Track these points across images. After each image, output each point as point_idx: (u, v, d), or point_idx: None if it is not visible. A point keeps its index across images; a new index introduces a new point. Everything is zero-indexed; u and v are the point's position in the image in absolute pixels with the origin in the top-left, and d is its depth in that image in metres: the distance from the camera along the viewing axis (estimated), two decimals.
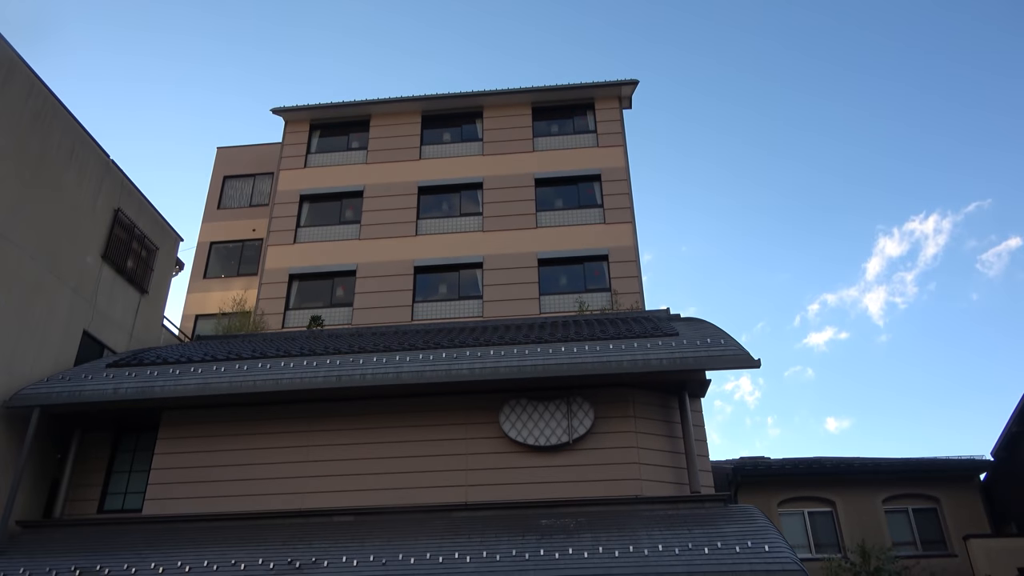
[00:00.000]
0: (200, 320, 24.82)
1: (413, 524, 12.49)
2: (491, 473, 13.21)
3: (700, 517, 12.07)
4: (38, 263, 14.80)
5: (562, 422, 13.41)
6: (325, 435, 13.88)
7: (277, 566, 11.32)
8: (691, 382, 13.68)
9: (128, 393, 13.67)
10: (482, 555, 11.14)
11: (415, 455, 13.49)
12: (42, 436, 14.19)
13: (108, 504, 14.31)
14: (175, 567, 11.52)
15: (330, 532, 12.43)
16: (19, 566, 11.98)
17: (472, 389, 13.68)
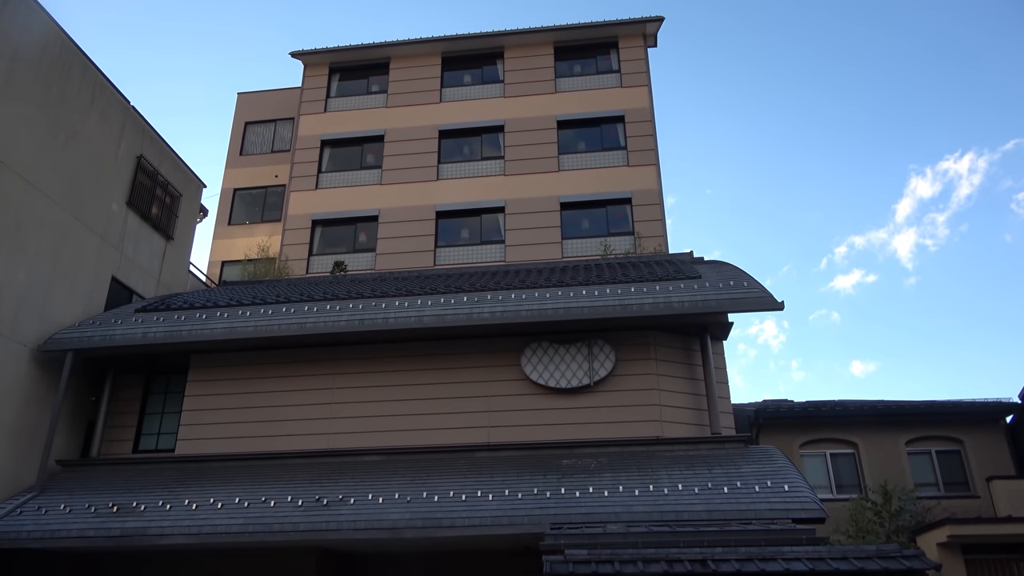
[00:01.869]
0: (226, 266, 25.12)
1: (437, 464, 12.76)
2: (513, 415, 13.38)
3: (720, 458, 12.16)
4: (64, 210, 14.99)
5: (583, 365, 13.47)
6: (350, 378, 14.11)
7: (305, 503, 11.67)
8: (713, 325, 13.63)
9: (157, 337, 13.97)
10: (504, 493, 11.37)
11: (438, 397, 13.69)
12: (76, 379, 14.60)
13: (142, 444, 14.79)
14: (207, 503, 11.93)
15: (356, 471, 12.75)
16: (60, 502, 12.49)
17: (494, 332, 13.76)
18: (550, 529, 10.29)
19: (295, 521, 11.34)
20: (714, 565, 8.20)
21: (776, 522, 10.16)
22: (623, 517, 10.55)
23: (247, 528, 11.36)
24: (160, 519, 11.68)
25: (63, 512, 12.15)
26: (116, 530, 11.62)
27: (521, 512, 10.91)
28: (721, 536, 9.58)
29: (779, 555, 8.34)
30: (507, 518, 10.89)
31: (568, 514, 10.71)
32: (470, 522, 10.98)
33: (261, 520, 11.40)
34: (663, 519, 10.45)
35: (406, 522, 11.09)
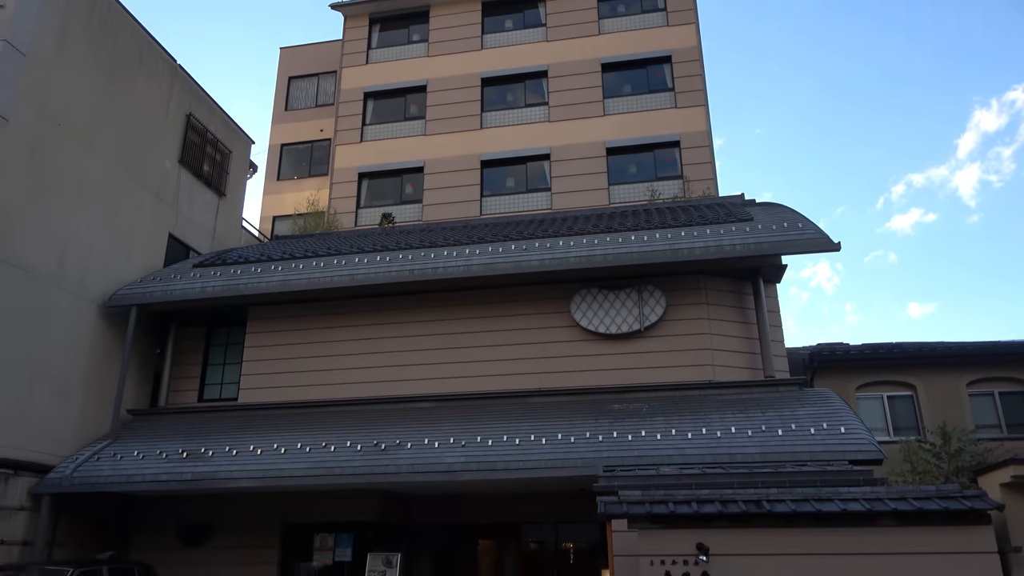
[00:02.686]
0: (277, 221, 25.56)
1: (489, 410, 12.98)
2: (564, 361, 13.47)
3: (774, 401, 12.08)
4: (120, 170, 15.37)
5: (633, 310, 13.43)
6: (402, 327, 14.36)
7: (364, 447, 12.04)
8: (766, 267, 13.39)
9: (215, 291, 14.38)
10: (557, 437, 11.52)
11: (489, 344, 13.85)
12: (141, 332, 15.18)
13: (206, 394, 15.38)
14: (271, 448, 12.40)
15: (410, 417, 13.06)
16: (133, 448, 13.13)
17: (543, 280, 13.78)
18: (603, 471, 10.42)
19: (355, 465, 11.72)
20: (769, 505, 8.20)
21: (832, 463, 10.10)
22: (676, 460, 10.61)
23: (310, 472, 11.79)
24: (228, 464, 12.20)
25: (137, 458, 12.78)
26: (187, 474, 12.19)
27: (574, 455, 11.06)
28: (776, 477, 9.56)
29: (835, 495, 8.29)
30: (560, 461, 11.06)
31: (621, 457, 10.81)
32: (524, 465, 11.18)
33: (323, 464, 11.82)
34: (716, 461, 10.48)
35: (461, 465, 11.36)
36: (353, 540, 13.79)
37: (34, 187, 13.15)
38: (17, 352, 12.54)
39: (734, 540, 8.12)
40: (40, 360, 12.97)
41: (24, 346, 12.68)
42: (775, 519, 8.14)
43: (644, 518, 8.34)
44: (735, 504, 8.28)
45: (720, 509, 8.19)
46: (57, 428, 13.19)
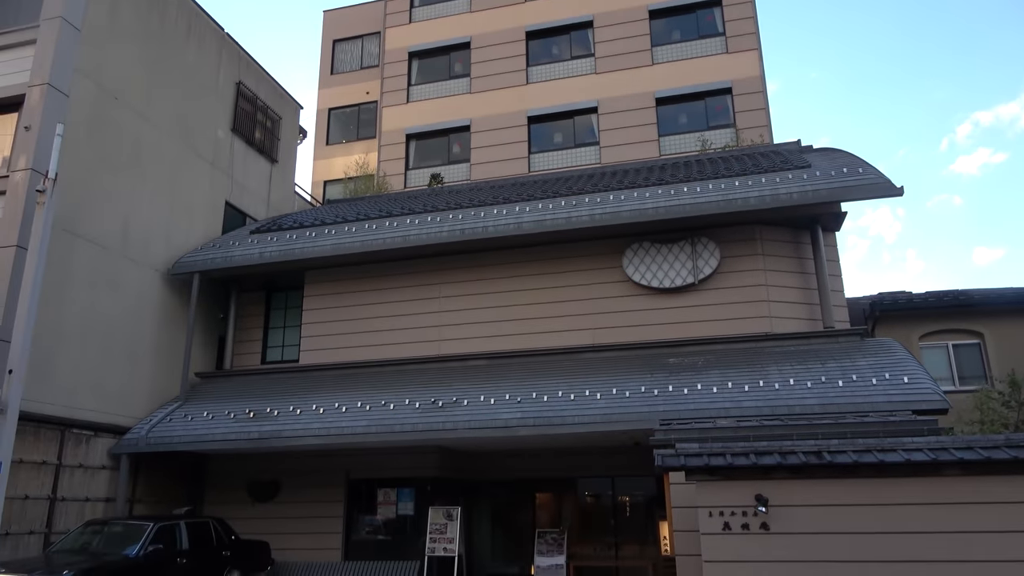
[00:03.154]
0: (328, 185, 25.89)
1: (543, 366, 13.09)
2: (617, 316, 13.46)
3: (834, 352, 11.87)
4: (176, 141, 15.74)
5: (687, 263, 13.28)
6: (455, 286, 14.51)
7: (422, 404, 12.31)
8: (824, 216, 13.03)
9: (272, 256, 14.73)
10: (611, 392, 11.58)
11: (541, 302, 13.91)
12: (204, 298, 15.71)
13: (269, 356, 15.89)
14: (333, 407, 12.79)
15: (466, 375, 13.27)
16: (202, 410, 13.71)
17: (594, 235, 13.70)
18: (659, 425, 10.45)
19: (414, 422, 12.01)
20: (830, 456, 8.13)
21: (895, 414, 9.92)
22: (733, 412, 10.57)
23: (371, 429, 12.14)
24: (292, 423, 12.65)
25: (206, 419, 13.34)
26: (254, 433, 12.69)
27: (629, 409, 11.11)
28: (837, 428, 9.45)
29: (899, 446, 8.16)
30: (616, 415, 11.13)
31: (677, 411, 10.82)
32: (579, 420, 11.29)
33: (383, 422, 12.15)
34: (774, 413, 10.40)
35: (518, 421, 11.54)
36: (414, 495, 14.21)
37: (97, 160, 13.58)
38: (93, 321, 13.13)
39: (793, 491, 8.10)
40: (113, 328, 13.55)
41: (98, 316, 13.26)
42: (836, 470, 8.08)
43: (702, 470, 8.37)
44: (795, 455, 8.24)
45: (779, 460, 8.15)
46: (131, 392, 13.84)
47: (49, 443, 12.11)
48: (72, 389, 12.60)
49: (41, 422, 11.93)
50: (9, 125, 13.09)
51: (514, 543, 15.44)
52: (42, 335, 11.96)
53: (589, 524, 15.20)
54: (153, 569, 10.55)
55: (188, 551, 11.31)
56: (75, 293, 12.87)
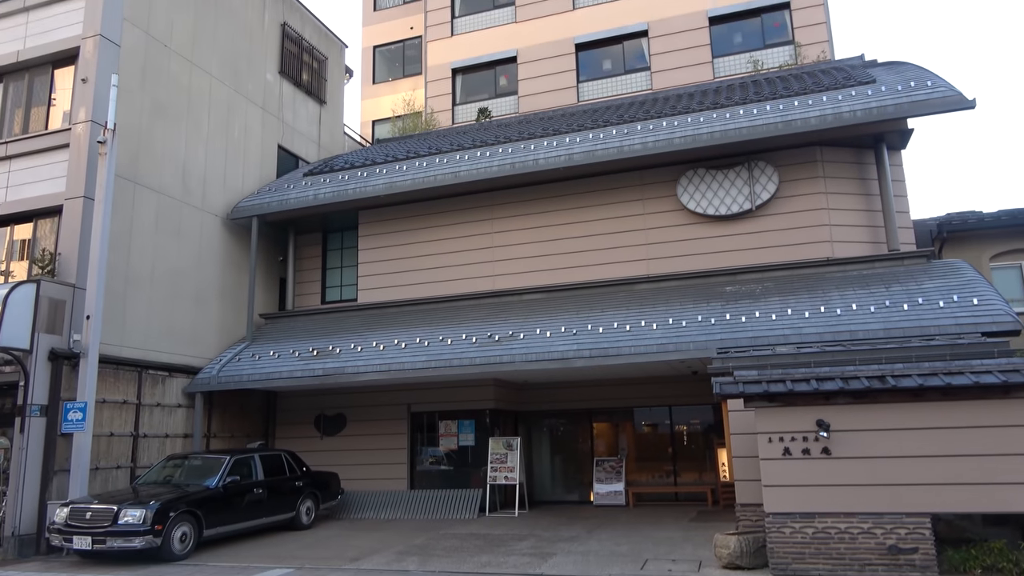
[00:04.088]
0: (376, 124, 25.87)
1: (598, 298, 13.09)
2: (671, 246, 13.28)
3: (899, 275, 11.52)
4: (226, 85, 15.86)
5: (743, 189, 12.94)
6: (507, 221, 14.50)
7: (479, 339, 12.50)
8: (890, 133, 12.46)
9: (326, 197, 14.91)
10: (668, 321, 11.52)
11: (595, 233, 13.82)
12: (264, 242, 16.09)
13: (328, 296, 16.28)
14: (392, 344, 13.10)
15: (521, 309, 13.38)
16: (268, 349, 14.21)
17: (647, 164, 13.44)
18: (717, 353, 10.39)
19: (471, 356, 12.22)
20: (894, 381, 7.98)
21: (963, 337, 9.63)
22: (792, 339, 10.42)
23: (430, 364, 12.41)
24: (354, 359, 13.02)
25: (272, 358, 13.83)
26: (318, 370, 13.12)
27: (686, 339, 11.07)
28: (901, 353, 9.24)
29: (967, 368, 7.94)
30: (672, 345, 11.10)
31: (735, 339, 10.73)
32: (636, 350, 11.31)
33: (441, 356, 12.40)
34: (836, 340, 10.21)
35: (574, 352, 11.62)
36: (475, 426, 14.58)
37: (152, 109, 13.83)
38: (160, 267, 13.61)
39: (856, 416, 8.02)
40: (179, 273, 14.04)
41: (165, 262, 13.74)
42: (900, 394, 7.95)
43: (761, 396, 8.35)
44: (857, 380, 8.12)
45: (841, 386, 8.05)
46: (200, 334, 14.41)
47: (128, 384, 12.76)
48: (145, 332, 13.18)
49: (119, 364, 12.56)
50: (68, 79, 13.39)
51: (573, 471, 15.79)
52: (114, 282, 12.49)
53: (647, 452, 15.41)
54: (232, 499, 11.17)
55: (263, 482, 11.91)
56: (141, 241, 13.31)
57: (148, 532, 9.56)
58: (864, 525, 7.72)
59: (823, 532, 7.82)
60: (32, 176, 12.98)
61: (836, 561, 7.75)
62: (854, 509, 7.78)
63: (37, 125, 13.49)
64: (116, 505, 9.81)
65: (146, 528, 9.56)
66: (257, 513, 11.66)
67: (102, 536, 9.61)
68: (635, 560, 8.93)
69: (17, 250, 13.27)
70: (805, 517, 7.91)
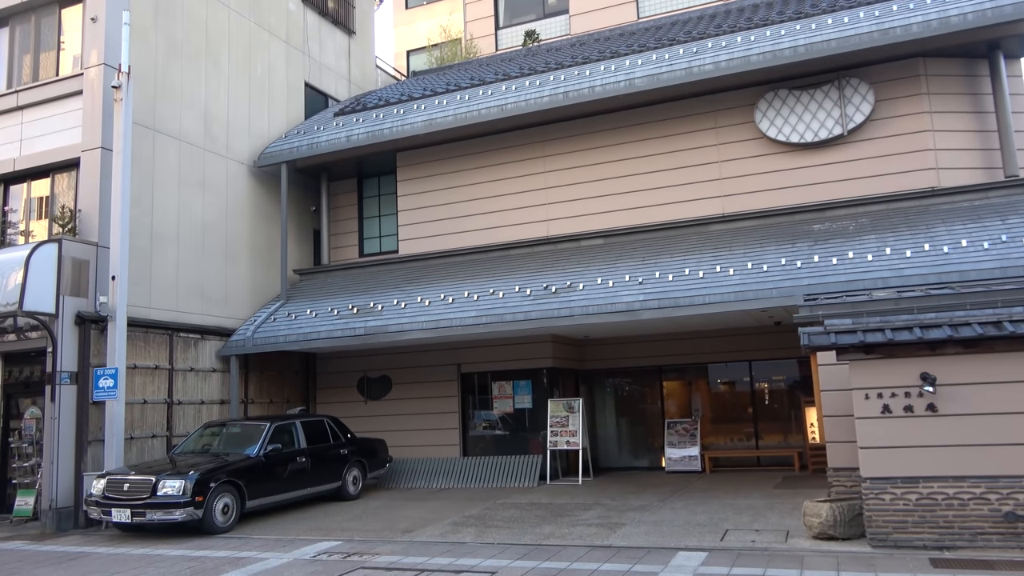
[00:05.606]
0: (411, 56, 25.71)
1: (666, 242, 12.94)
2: (750, 180, 13.01)
3: (1018, 205, 11.05)
4: (246, 19, 15.92)
5: (833, 112, 12.53)
6: (561, 158, 14.38)
7: (533, 291, 12.53)
8: (1008, 39, 11.82)
9: (360, 139, 14.98)
10: (746, 266, 11.34)
11: (661, 169, 13.62)
12: (294, 191, 16.32)
13: (366, 248, 16.50)
14: (438, 298, 13.24)
15: (580, 256, 13.33)
16: (304, 307, 14.52)
17: (719, 87, 13.11)
18: (804, 300, 10.20)
19: (526, 310, 12.28)
20: (1012, 327, 7.72)
21: None
22: (892, 282, 10.15)
23: (480, 320, 12.52)
24: (397, 317, 13.22)
25: (310, 317, 14.15)
26: (359, 329, 13.37)
27: (768, 284, 10.89)
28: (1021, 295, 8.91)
29: None
30: (752, 292, 10.94)
31: (824, 283, 10.51)
32: (710, 299, 11.18)
33: (493, 311, 12.49)
34: (943, 281, 9.90)
35: (640, 303, 11.56)
36: (531, 387, 14.73)
37: (168, 49, 14.00)
38: (186, 222, 13.95)
39: (966, 368, 7.82)
40: (207, 228, 14.37)
41: (190, 216, 14.06)
42: (1019, 342, 7.70)
43: (856, 348, 8.19)
44: (968, 327, 7.88)
45: (950, 334, 7.84)
46: (231, 293, 14.80)
47: (159, 348, 13.24)
48: (174, 293, 13.60)
49: (149, 327, 13.01)
50: (76, 19, 13.62)
51: (642, 435, 15.89)
52: (138, 239, 12.86)
53: (724, 412, 15.39)
54: (274, 468, 11.59)
55: (306, 450, 12.31)
56: (165, 194, 13.63)
57: (189, 504, 10.00)
58: (976, 490, 7.59)
59: (928, 498, 7.72)
60: (46, 127, 13.35)
61: (943, 530, 7.65)
62: (964, 472, 7.65)
63: (47, 72, 13.82)
64: (154, 476, 10.28)
65: (186, 499, 10.00)
66: (301, 483, 12.08)
67: (141, 508, 10.10)
68: (714, 530, 8.98)
69: (35, 208, 13.76)
70: (907, 482, 7.81)
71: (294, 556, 8.78)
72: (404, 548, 8.95)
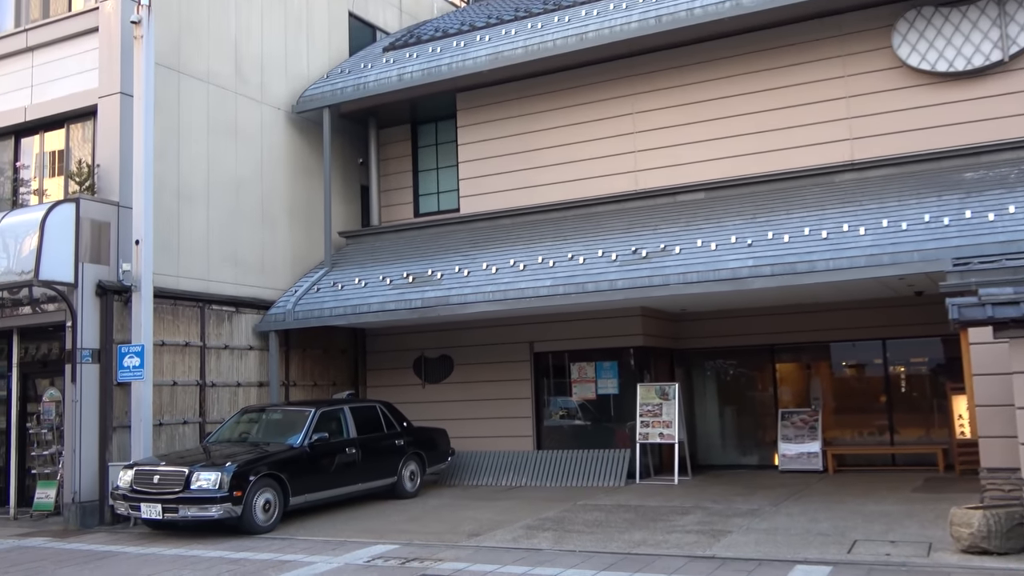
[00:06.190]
0: None
1: (781, 195, 12.72)
2: (885, 119, 12.67)
3: None
4: None
5: (991, 32, 12.07)
6: (653, 97, 14.22)
7: (620, 256, 12.45)
8: None
9: (414, 78, 15.04)
10: (880, 224, 11.05)
11: (773, 107, 13.36)
12: (339, 140, 16.53)
13: (423, 207, 16.65)
14: (508, 265, 13.28)
15: (676, 214, 13.20)
16: (352, 276, 14.77)
17: (848, 5, 12.78)
18: (953, 265, 9.92)
19: (611, 278, 12.22)
20: None
21: None
22: None
23: (557, 290, 12.52)
24: (460, 286, 13.32)
25: (359, 286, 14.38)
26: (416, 301, 13.53)
27: (907, 246, 10.60)
28: None
29: None
30: (888, 255, 10.67)
31: (978, 244, 10.17)
32: (836, 264, 10.94)
33: (572, 280, 12.47)
34: None
35: (749, 270, 11.38)
36: (617, 369, 14.70)
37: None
38: (217, 178, 14.27)
39: None
40: (240, 184, 14.69)
41: (221, 170, 14.38)
42: None
43: (1019, 323, 7.94)
44: None
45: None
46: (269, 259, 15.13)
47: (189, 322, 13.65)
48: (205, 259, 13.98)
49: (177, 299, 13.43)
50: None
51: (750, 427, 15.75)
52: (163, 198, 13.23)
53: (851, 401, 15.17)
54: (320, 460, 11.88)
55: (357, 440, 12.57)
56: (192, 145, 13.96)
57: (226, 499, 10.34)
58: None
59: None
60: (59, 71, 13.77)
61: None
62: None
63: (59, 6, 14.25)
64: (187, 467, 10.65)
65: (223, 494, 10.33)
66: (351, 478, 12.37)
67: (173, 504, 10.49)
68: (839, 541, 8.86)
69: (49, 164, 14.27)
70: None
71: (345, 560, 9.01)
72: (470, 554, 9.08)
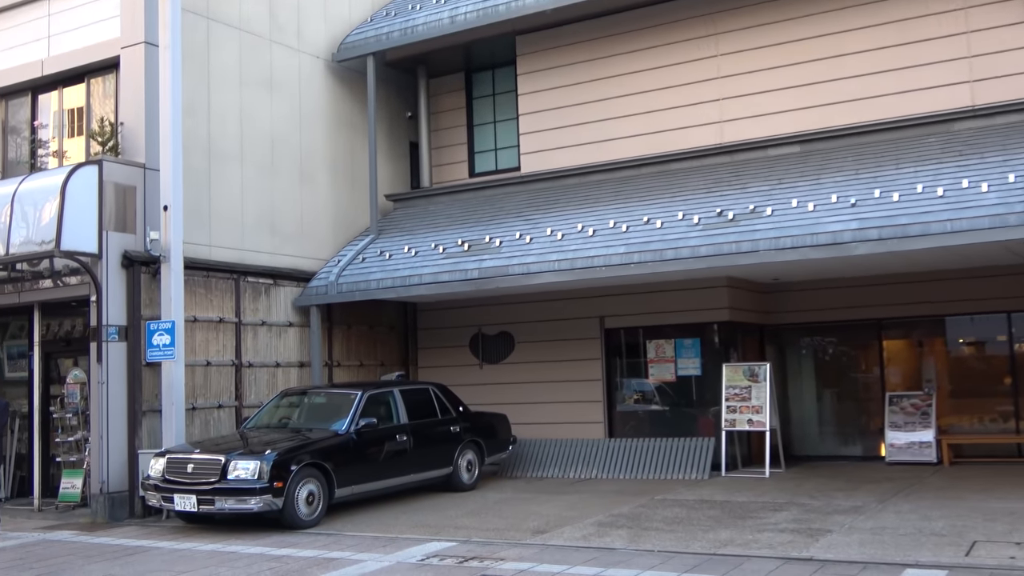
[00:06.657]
0: None
1: (889, 147, 12.52)
2: (1013, 56, 12.36)
3: None
4: None
5: None
6: (740, 37, 14.08)
7: (704, 219, 12.39)
8: None
9: (468, 19, 15.04)
10: (1007, 179, 10.81)
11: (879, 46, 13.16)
12: (385, 91, 16.66)
13: (479, 166, 16.72)
14: (575, 231, 13.30)
15: (766, 170, 13.09)
16: (401, 243, 14.93)
17: None
18: None
19: (693, 244, 12.18)
20: None
21: None
22: None
23: (631, 258, 12.52)
24: (521, 255, 13.40)
25: (408, 255, 14.53)
26: (472, 271, 13.64)
27: None
28: None
29: None
30: (1015, 215, 10.43)
31: None
32: (954, 227, 10.73)
33: (648, 246, 12.46)
34: None
35: (853, 233, 11.24)
36: (699, 347, 14.67)
37: None
38: (251, 135, 14.50)
39: None
40: (276, 142, 14.91)
41: (256, 126, 14.60)
42: None
43: None
44: None
45: None
46: (309, 225, 15.36)
47: (223, 296, 13.96)
48: (239, 226, 14.24)
49: (210, 270, 13.74)
50: None
51: (852, 413, 15.63)
52: (193, 158, 13.47)
53: (969, 384, 15.00)
54: (368, 448, 12.10)
55: (408, 426, 12.78)
56: (223, 98, 14.20)
57: (266, 490, 10.61)
58: None
59: None
60: (78, 19, 14.08)
61: None
62: None
63: None
64: (223, 455, 10.95)
65: (263, 485, 10.61)
66: (402, 468, 12.59)
67: (208, 495, 10.80)
68: (956, 542, 8.78)
69: (68, 123, 14.63)
70: None
71: (397, 559, 9.18)
72: (536, 553, 9.19)
